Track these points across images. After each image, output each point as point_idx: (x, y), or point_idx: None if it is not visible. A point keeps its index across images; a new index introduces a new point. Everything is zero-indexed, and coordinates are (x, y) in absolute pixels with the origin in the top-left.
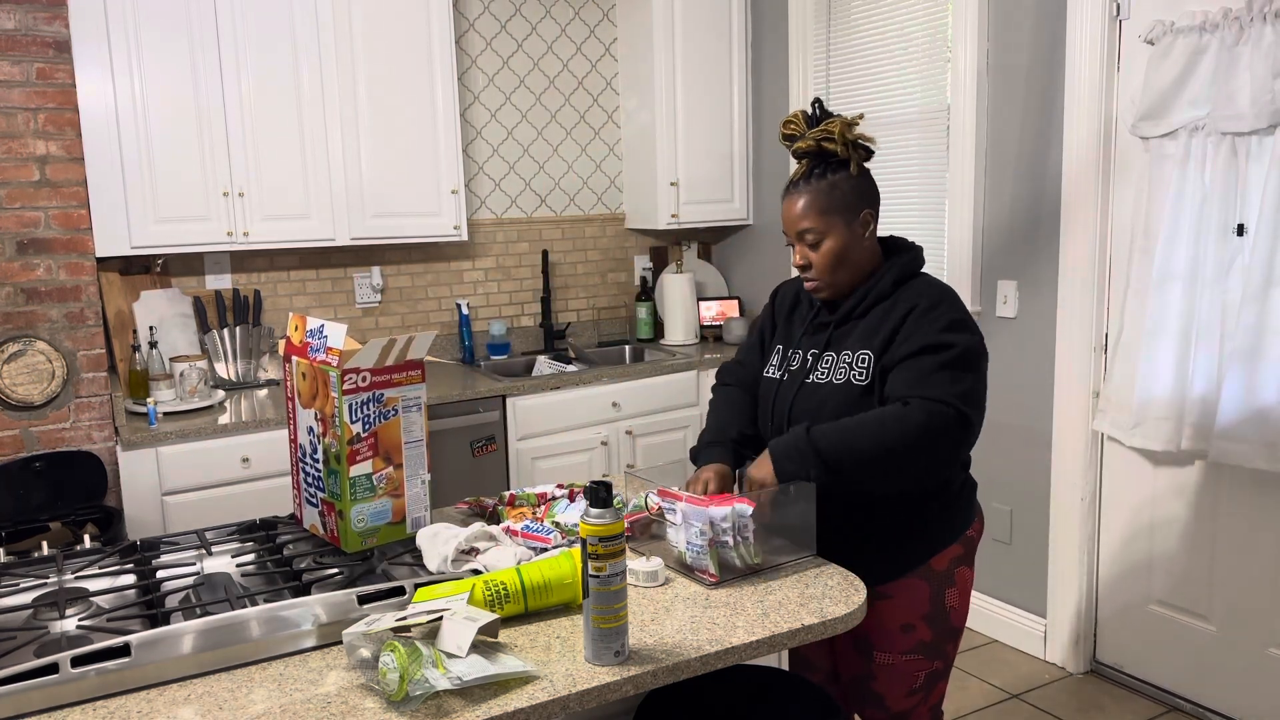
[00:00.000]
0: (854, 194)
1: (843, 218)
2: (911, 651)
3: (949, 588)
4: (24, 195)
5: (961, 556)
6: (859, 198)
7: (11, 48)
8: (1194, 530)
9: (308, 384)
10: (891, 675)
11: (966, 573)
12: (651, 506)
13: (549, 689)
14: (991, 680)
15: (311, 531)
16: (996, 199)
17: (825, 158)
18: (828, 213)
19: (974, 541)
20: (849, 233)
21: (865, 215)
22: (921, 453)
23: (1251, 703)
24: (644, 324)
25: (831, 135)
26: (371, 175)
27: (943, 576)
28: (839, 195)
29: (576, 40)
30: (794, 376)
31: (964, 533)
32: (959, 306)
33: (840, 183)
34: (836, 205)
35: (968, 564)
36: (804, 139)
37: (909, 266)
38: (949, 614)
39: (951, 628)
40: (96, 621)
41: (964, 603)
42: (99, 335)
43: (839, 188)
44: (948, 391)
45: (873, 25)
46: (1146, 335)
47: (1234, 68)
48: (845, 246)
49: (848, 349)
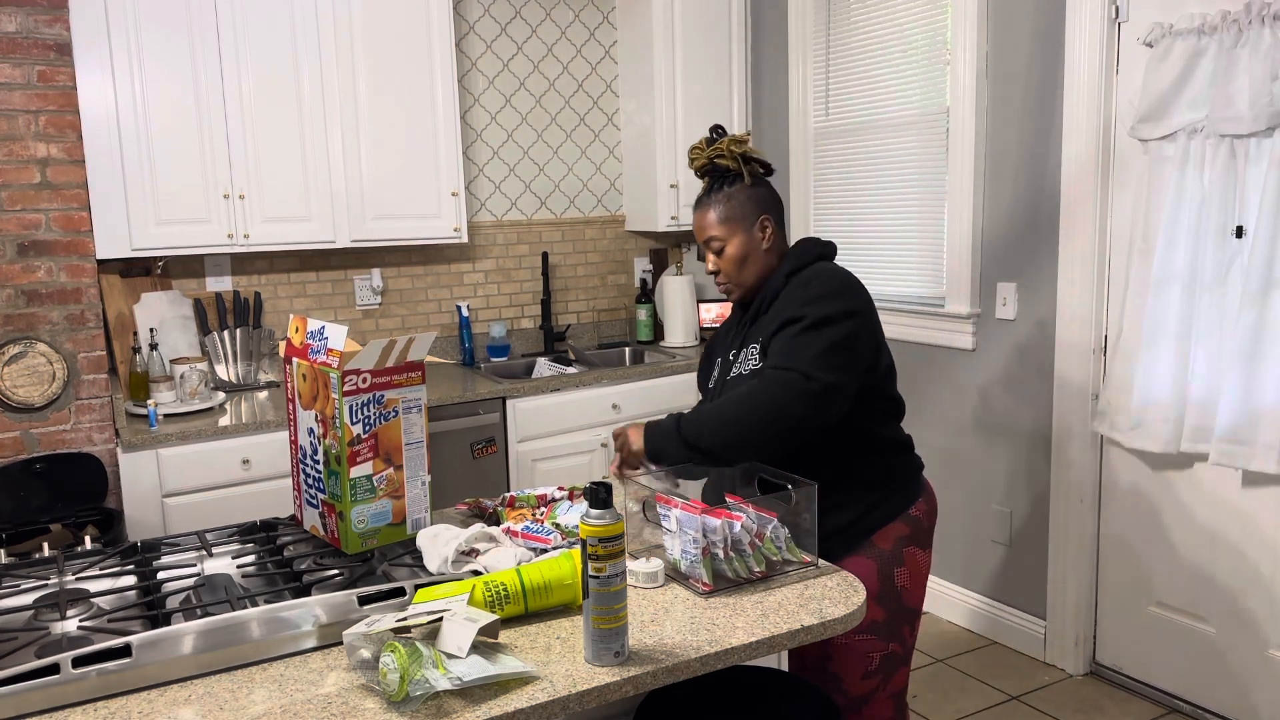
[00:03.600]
0: (750, 202)
1: (742, 224)
2: (864, 631)
3: (898, 567)
4: (25, 197)
5: (908, 536)
6: (755, 205)
7: (12, 50)
8: (1193, 532)
9: (308, 385)
10: (846, 655)
11: (918, 553)
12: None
13: (549, 689)
14: (991, 682)
15: (312, 533)
16: (996, 201)
17: (722, 174)
18: (728, 221)
19: (921, 522)
20: (749, 237)
21: (763, 220)
22: (773, 419)
23: (1251, 704)
24: (644, 326)
25: (721, 152)
26: (372, 177)
27: (890, 556)
28: (736, 204)
29: (576, 43)
30: (722, 377)
31: (905, 511)
32: (832, 280)
33: (736, 194)
34: (735, 213)
35: (918, 545)
36: (699, 159)
37: (801, 258)
38: (900, 594)
39: (904, 608)
40: (97, 622)
41: (916, 584)
42: (99, 337)
43: (735, 198)
44: (796, 358)
45: (872, 28)
46: (1146, 337)
47: (1232, 70)
48: (746, 249)
49: (754, 341)
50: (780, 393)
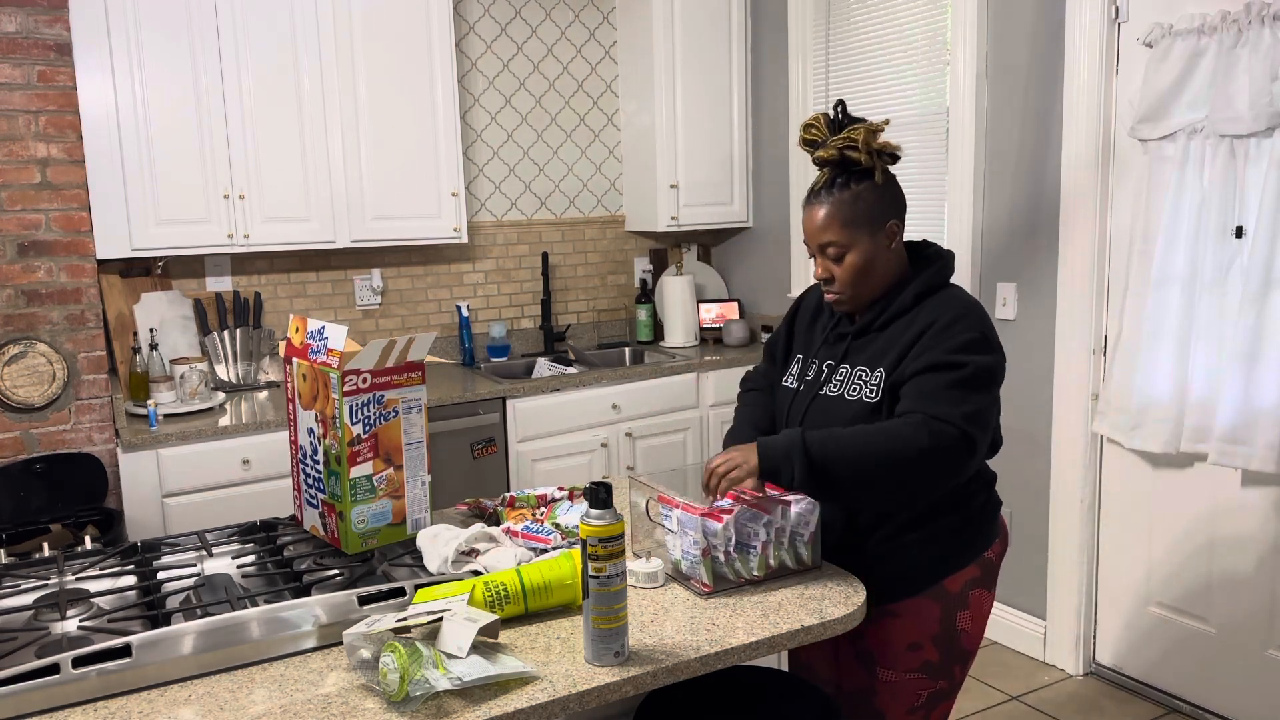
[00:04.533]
0: (879, 204)
1: (867, 230)
2: (916, 671)
3: (961, 610)
4: (25, 198)
5: (978, 579)
6: (884, 208)
7: (13, 50)
8: (1193, 532)
9: (308, 385)
10: (894, 692)
11: (983, 595)
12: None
13: (549, 689)
14: (991, 682)
15: (312, 533)
16: (996, 201)
17: (848, 166)
18: (851, 225)
19: (993, 564)
20: (873, 245)
21: (891, 226)
22: (916, 469)
23: (1251, 705)
24: (644, 326)
25: (855, 144)
26: (372, 178)
27: (956, 598)
28: (863, 206)
29: (576, 43)
30: (809, 387)
31: (982, 554)
32: (980, 324)
33: (864, 193)
34: (860, 217)
35: (985, 587)
36: (826, 147)
37: (933, 279)
38: (959, 636)
39: (961, 650)
40: (97, 622)
41: (977, 626)
42: (99, 337)
43: (863, 198)
44: (953, 411)
45: (872, 28)
46: (1145, 337)
47: (1232, 70)
48: (869, 259)
49: (864, 364)
50: (934, 445)
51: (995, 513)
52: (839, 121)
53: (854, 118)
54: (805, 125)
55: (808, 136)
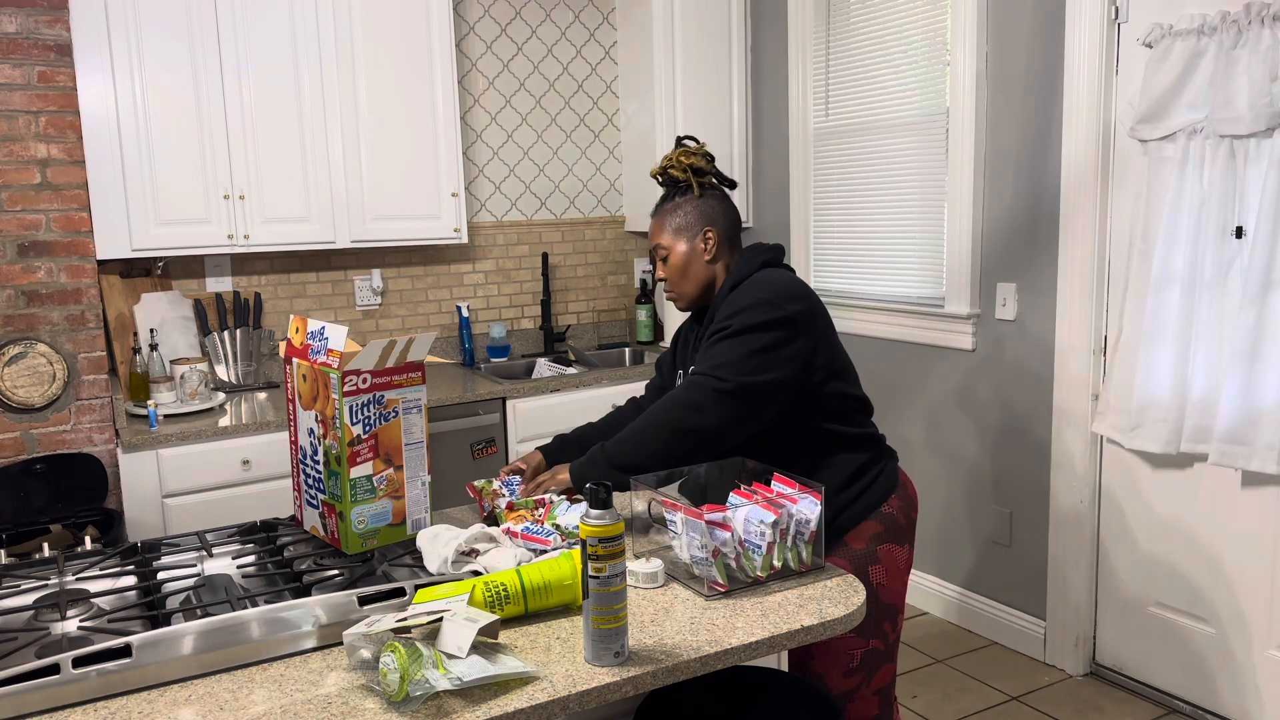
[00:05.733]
0: (695, 215)
1: (685, 236)
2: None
3: (873, 565)
4: (25, 198)
5: (882, 534)
6: (700, 217)
7: (13, 51)
8: (1193, 532)
9: (308, 386)
10: (827, 654)
11: (894, 550)
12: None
13: (549, 690)
14: (991, 683)
15: (312, 533)
16: (996, 202)
17: (676, 183)
18: (670, 231)
19: (895, 518)
20: (690, 249)
21: (706, 231)
22: (689, 424)
23: (1251, 705)
24: (644, 326)
25: (672, 163)
26: (372, 178)
27: (863, 554)
28: (681, 216)
29: (576, 43)
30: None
31: (877, 510)
32: (759, 289)
33: (683, 205)
34: (679, 225)
35: (894, 541)
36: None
37: (743, 270)
38: (877, 591)
39: (883, 604)
40: (97, 623)
41: (895, 580)
42: (100, 338)
43: (682, 209)
44: (710, 365)
45: (872, 29)
46: (1145, 338)
47: (1232, 71)
48: (686, 261)
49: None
50: (695, 396)
51: (885, 468)
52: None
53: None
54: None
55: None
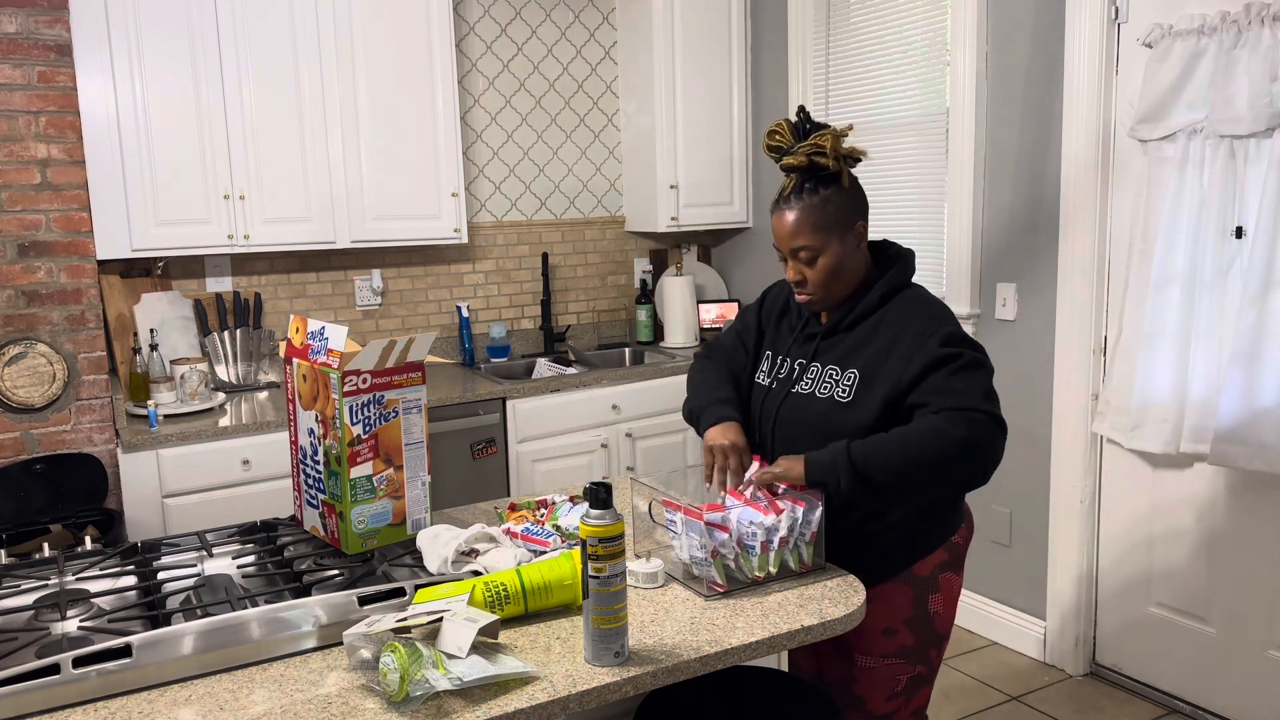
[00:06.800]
0: (846, 207)
1: (837, 233)
2: (893, 655)
3: (933, 593)
4: (25, 198)
5: (947, 563)
6: (851, 210)
7: (13, 51)
8: (1193, 532)
9: (308, 386)
10: (873, 679)
11: (953, 579)
12: None
13: (549, 689)
14: (991, 683)
15: (312, 533)
16: (995, 202)
17: (815, 171)
18: (822, 229)
19: (960, 548)
20: (843, 247)
21: (859, 228)
22: (960, 461)
23: (1251, 705)
24: (644, 327)
25: (823, 150)
26: (372, 178)
27: (926, 582)
28: (832, 210)
29: (576, 44)
30: (781, 385)
31: (949, 539)
32: (950, 319)
33: (832, 197)
34: (830, 221)
35: (954, 570)
36: (794, 153)
37: (895, 280)
38: (932, 619)
39: (935, 633)
40: (98, 623)
41: (949, 609)
42: (100, 338)
43: (832, 202)
44: (972, 398)
45: (871, 29)
46: (1145, 338)
47: (1232, 71)
48: (840, 262)
49: (833, 363)
50: (970, 434)
51: (960, 499)
52: (803, 128)
53: (819, 124)
54: (769, 132)
55: (772, 143)
